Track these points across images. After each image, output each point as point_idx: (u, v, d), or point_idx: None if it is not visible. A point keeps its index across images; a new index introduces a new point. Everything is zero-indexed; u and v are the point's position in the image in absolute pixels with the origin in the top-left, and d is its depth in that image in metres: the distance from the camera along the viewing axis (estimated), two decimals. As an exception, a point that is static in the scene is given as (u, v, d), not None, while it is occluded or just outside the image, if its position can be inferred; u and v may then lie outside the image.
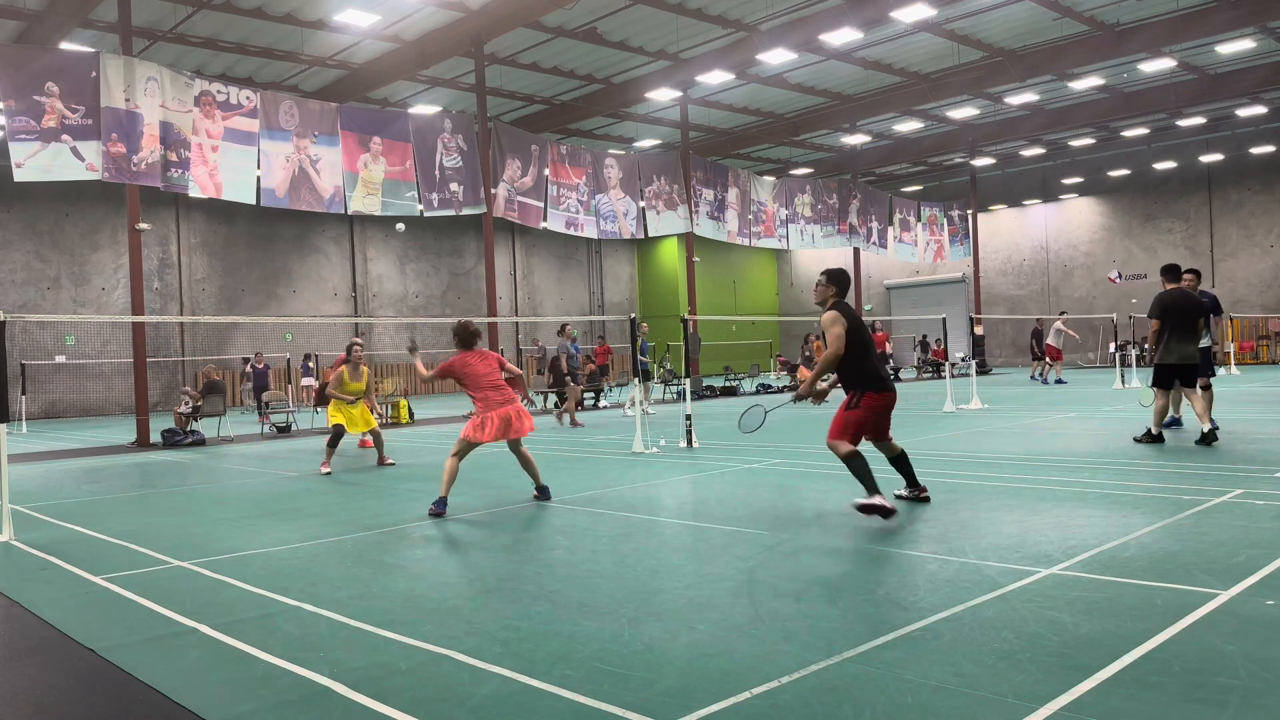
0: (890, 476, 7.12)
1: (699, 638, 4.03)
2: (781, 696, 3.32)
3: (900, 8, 19.16)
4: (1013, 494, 7.36)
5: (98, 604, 5.14)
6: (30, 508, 8.97)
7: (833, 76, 26.51)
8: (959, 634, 3.91)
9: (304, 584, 5.35)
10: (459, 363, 8.02)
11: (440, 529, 6.94)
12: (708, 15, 21.13)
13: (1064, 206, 37.83)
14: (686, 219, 26.38)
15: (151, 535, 7.21)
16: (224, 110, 16.84)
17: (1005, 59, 25.01)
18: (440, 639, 4.17)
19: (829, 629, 4.06)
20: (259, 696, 3.57)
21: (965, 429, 12.90)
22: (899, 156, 35.94)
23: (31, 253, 28.11)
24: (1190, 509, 6.38)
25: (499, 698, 3.44)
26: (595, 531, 6.53)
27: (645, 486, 8.74)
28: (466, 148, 20.73)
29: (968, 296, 39.16)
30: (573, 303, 42.05)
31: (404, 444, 14.55)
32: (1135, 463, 8.82)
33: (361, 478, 10.44)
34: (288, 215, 31.83)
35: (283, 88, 24.05)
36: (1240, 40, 23.38)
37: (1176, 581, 4.58)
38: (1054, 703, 3.15)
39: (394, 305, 36.29)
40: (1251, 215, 33.21)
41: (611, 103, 26.70)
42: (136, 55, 16.70)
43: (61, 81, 14.87)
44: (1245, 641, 3.68)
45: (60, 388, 28.33)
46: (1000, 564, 5.07)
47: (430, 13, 19.96)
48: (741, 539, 6.07)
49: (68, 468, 13.15)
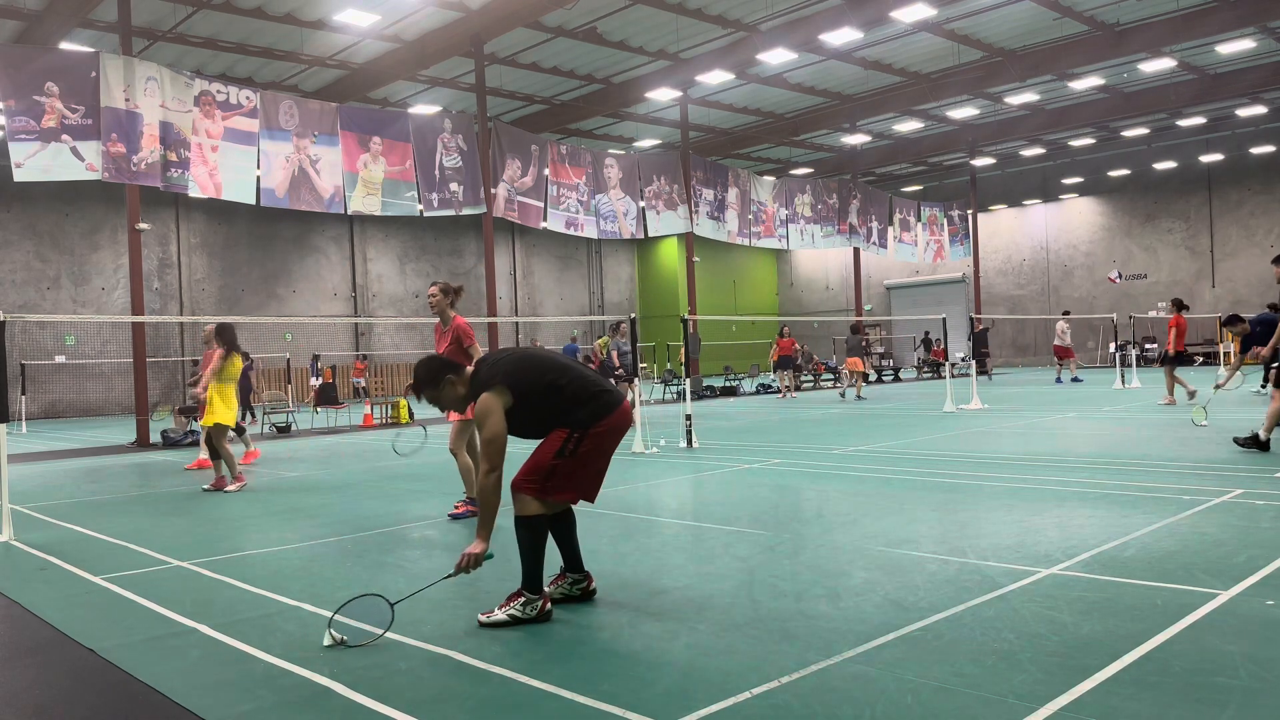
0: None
1: (699, 638, 4.03)
2: (781, 696, 3.31)
3: (900, 8, 19.15)
4: (1013, 494, 7.36)
5: (98, 604, 5.14)
6: (30, 508, 8.97)
7: (833, 76, 26.51)
8: (959, 634, 3.91)
9: (304, 584, 5.34)
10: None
11: (440, 529, 6.94)
12: (708, 15, 21.13)
13: (1064, 206, 37.83)
14: (686, 219, 26.38)
15: (151, 535, 7.20)
16: (224, 110, 16.83)
17: (1005, 59, 25.01)
18: (440, 639, 4.16)
19: (829, 629, 4.06)
20: (259, 696, 3.57)
21: (965, 429, 12.90)
22: (899, 156, 35.94)
23: (31, 253, 28.11)
24: (1190, 509, 6.38)
25: (499, 698, 3.44)
26: (595, 531, 6.53)
27: (645, 486, 8.73)
28: (466, 148, 20.72)
29: (968, 296, 39.16)
30: (573, 303, 42.04)
31: (403, 444, 14.54)
32: (1135, 463, 8.82)
33: (361, 478, 10.43)
34: (288, 215, 31.83)
35: (283, 88, 24.05)
36: (1240, 40, 23.37)
37: (1176, 581, 4.58)
38: (1054, 703, 3.14)
39: (394, 305, 36.28)
40: (1251, 215, 33.21)
41: (611, 103, 26.70)
42: (136, 55, 16.70)
43: (61, 81, 14.86)
44: (1245, 641, 3.68)
45: (60, 388, 28.33)
46: (1000, 564, 5.07)
47: (430, 13, 19.95)
48: (741, 539, 6.07)
49: (68, 468, 13.14)
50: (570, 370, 4.53)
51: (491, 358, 4.56)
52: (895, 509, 6.88)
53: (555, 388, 4.41)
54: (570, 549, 4.70)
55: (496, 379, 4.38)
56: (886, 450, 10.74)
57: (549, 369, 4.48)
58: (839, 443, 11.80)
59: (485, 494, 4.31)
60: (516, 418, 4.41)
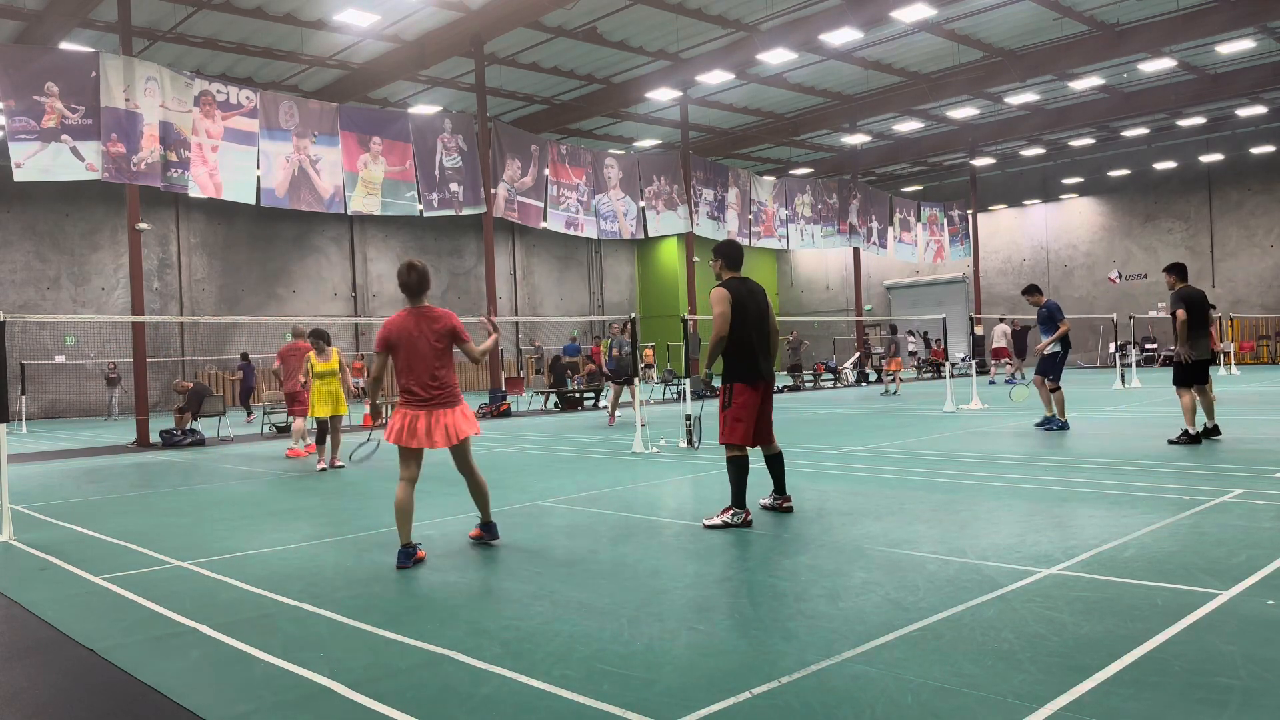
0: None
1: (699, 638, 4.03)
2: (781, 696, 3.32)
3: (900, 8, 19.15)
4: (1013, 494, 7.36)
5: (98, 604, 5.14)
6: (30, 508, 8.97)
7: (833, 76, 26.51)
8: (959, 634, 3.91)
9: (304, 584, 5.34)
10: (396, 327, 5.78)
11: (439, 529, 6.94)
12: (708, 15, 21.13)
13: (1064, 206, 37.83)
14: (686, 219, 26.38)
15: (151, 535, 7.20)
16: (224, 110, 16.83)
17: (1005, 59, 25.01)
18: (440, 639, 4.17)
19: (829, 629, 4.06)
20: (259, 696, 3.57)
21: (965, 429, 12.90)
22: (899, 156, 35.94)
23: (31, 253, 28.11)
24: (1190, 509, 6.38)
25: (499, 698, 3.44)
26: (595, 531, 6.53)
27: (645, 486, 8.73)
28: (466, 148, 20.73)
29: (968, 296, 39.17)
30: (573, 303, 42.04)
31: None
32: (1135, 463, 8.82)
33: (361, 478, 10.43)
34: (288, 215, 31.84)
35: (283, 88, 24.05)
36: (1240, 40, 23.37)
37: (1176, 581, 4.58)
38: (1054, 703, 3.15)
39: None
40: (1251, 215, 33.21)
41: (611, 103, 26.69)
42: (136, 55, 16.69)
43: (61, 81, 14.86)
44: (1245, 641, 3.68)
45: (60, 388, 28.33)
46: (1000, 564, 5.07)
47: (430, 13, 19.96)
48: (741, 539, 6.07)
49: (68, 468, 13.14)
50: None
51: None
52: (895, 509, 6.89)
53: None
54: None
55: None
56: (886, 450, 10.74)
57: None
58: (839, 443, 11.80)
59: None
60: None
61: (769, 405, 6.67)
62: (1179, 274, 10.45)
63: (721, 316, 6.36)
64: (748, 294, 6.52)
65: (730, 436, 6.44)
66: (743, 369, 6.45)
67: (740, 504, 6.43)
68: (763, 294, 6.67)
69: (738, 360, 6.46)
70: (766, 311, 6.62)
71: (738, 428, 6.42)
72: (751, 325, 6.46)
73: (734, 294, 6.43)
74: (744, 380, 6.44)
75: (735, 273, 6.68)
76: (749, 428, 6.46)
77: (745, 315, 6.43)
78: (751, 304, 6.50)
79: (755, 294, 6.59)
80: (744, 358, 6.45)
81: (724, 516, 6.42)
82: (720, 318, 6.36)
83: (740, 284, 6.55)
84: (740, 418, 6.43)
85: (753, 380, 6.44)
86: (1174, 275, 10.45)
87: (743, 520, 6.38)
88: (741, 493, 6.42)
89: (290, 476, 10.86)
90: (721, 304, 6.38)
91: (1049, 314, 12.36)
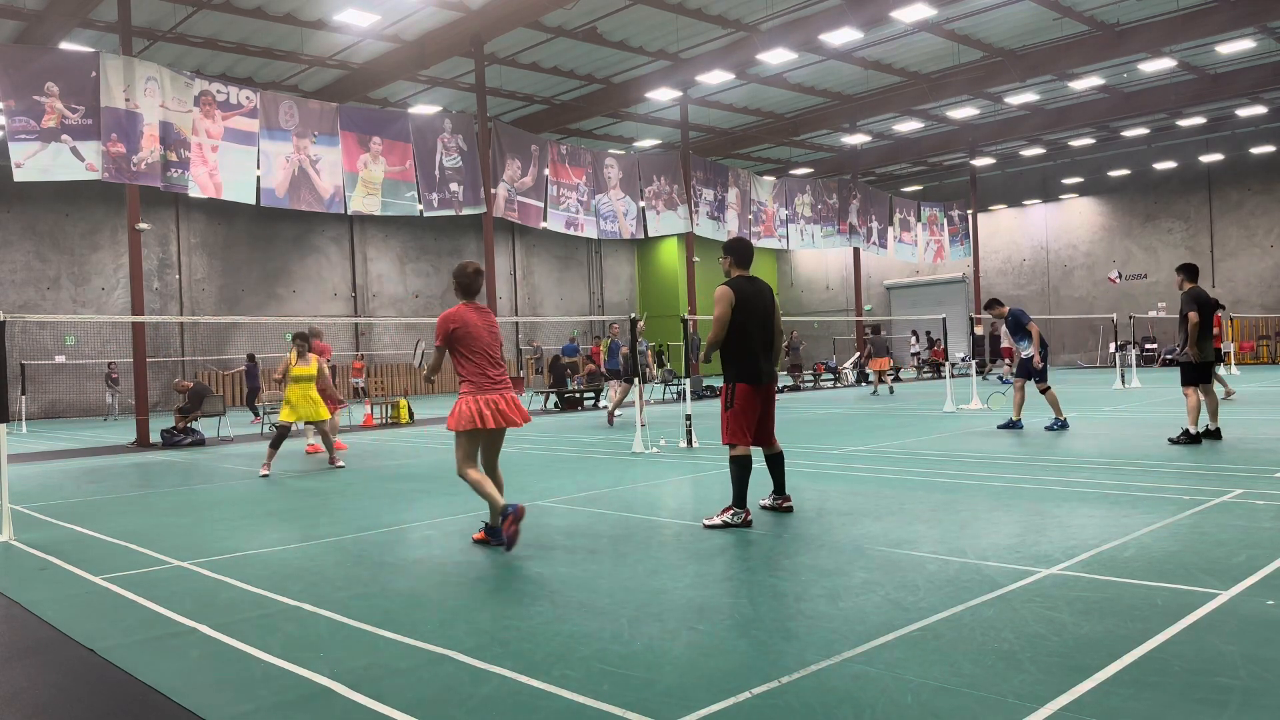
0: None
1: (699, 638, 4.03)
2: (781, 696, 3.32)
3: (900, 8, 19.15)
4: (1013, 494, 7.36)
5: (98, 604, 5.14)
6: (30, 508, 8.97)
7: (833, 76, 26.50)
8: (959, 634, 3.91)
9: (304, 584, 5.34)
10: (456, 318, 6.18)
11: (439, 529, 6.94)
12: (708, 15, 21.13)
13: (1064, 206, 37.83)
14: (686, 219, 26.38)
15: (151, 535, 7.20)
16: (224, 110, 16.83)
17: (1005, 59, 25.00)
18: (440, 639, 4.17)
19: (829, 629, 4.06)
20: (259, 696, 3.57)
21: (965, 429, 12.90)
22: (899, 156, 35.94)
23: (31, 253, 28.11)
24: (1190, 509, 6.38)
25: (499, 698, 3.44)
26: (595, 531, 6.53)
27: (645, 486, 8.73)
28: (466, 148, 20.72)
29: (968, 296, 39.16)
30: (573, 303, 42.04)
31: (403, 444, 14.55)
32: (1135, 463, 8.82)
33: (361, 478, 10.43)
34: (288, 215, 31.83)
35: (283, 88, 24.05)
36: (1240, 40, 23.37)
37: (1176, 581, 4.58)
38: (1054, 703, 3.15)
39: (394, 305, 36.29)
40: (1251, 215, 33.21)
41: (611, 103, 26.69)
42: (136, 55, 16.69)
43: (61, 81, 14.86)
44: (1245, 641, 3.68)
45: (60, 388, 28.33)
46: (1000, 564, 5.07)
47: (430, 13, 19.95)
48: (741, 539, 6.07)
49: (68, 468, 13.14)
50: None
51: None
52: (895, 509, 6.89)
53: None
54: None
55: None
56: (886, 450, 10.74)
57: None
58: (839, 443, 11.80)
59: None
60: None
61: (771, 405, 6.68)
62: (1190, 274, 10.31)
63: (719, 319, 6.39)
64: (754, 293, 6.54)
65: (733, 436, 6.47)
66: (744, 369, 6.47)
67: (741, 504, 6.44)
68: (769, 293, 6.68)
69: (740, 360, 6.48)
70: (772, 311, 6.63)
71: (740, 428, 6.44)
72: (756, 325, 6.48)
73: (739, 293, 6.45)
74: (746, 380, 6.47)
75: (744, 270, 6.68)
76: (751, 428, 6.48)
77: (749, 314, 6.45)
78: (757, 303, 6.52)
79: (762, 293, 6.60)
80: (746, 358, 6.47)
81: (724, 516, 6.43)
82: (718, 320, 6.39)
83: (747, 283, 6.57)
84: (742, 418, 6.46)
85: (754, 380, 6.47)
86: (1185, 275, 10.34)
87: (743, 520, 6.40)
88: (743, 493, 6.44)
89: (290, 476, 10.86)
90: (722, 304, 6.41)
91: (1016, 321, 12.28)
